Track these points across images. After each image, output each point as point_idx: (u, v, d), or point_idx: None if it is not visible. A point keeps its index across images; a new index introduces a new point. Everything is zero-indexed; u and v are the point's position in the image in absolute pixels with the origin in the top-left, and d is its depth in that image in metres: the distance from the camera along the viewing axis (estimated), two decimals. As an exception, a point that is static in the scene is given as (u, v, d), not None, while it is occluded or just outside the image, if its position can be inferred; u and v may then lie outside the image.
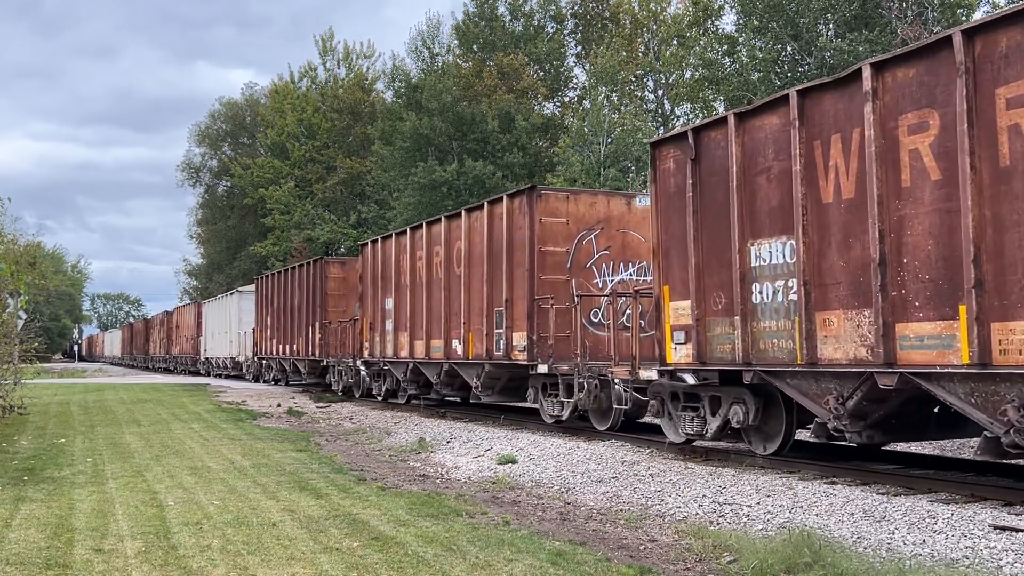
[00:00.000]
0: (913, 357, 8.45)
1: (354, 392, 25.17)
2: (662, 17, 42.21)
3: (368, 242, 23.79)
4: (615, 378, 13.31)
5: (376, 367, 23.01)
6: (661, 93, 42.18)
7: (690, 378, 11.38)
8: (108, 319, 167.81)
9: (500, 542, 7.39)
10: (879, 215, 8.74)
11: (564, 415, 14.81)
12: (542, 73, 45.55)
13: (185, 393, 30.12)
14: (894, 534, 7.48)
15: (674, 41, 39.40)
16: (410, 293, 20.26)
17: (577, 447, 13.13)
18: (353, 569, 6.59)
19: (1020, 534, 7.08)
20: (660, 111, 42.28)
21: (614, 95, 37.29)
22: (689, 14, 38.59)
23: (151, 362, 66.77)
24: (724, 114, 10.88)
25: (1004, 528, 7.28)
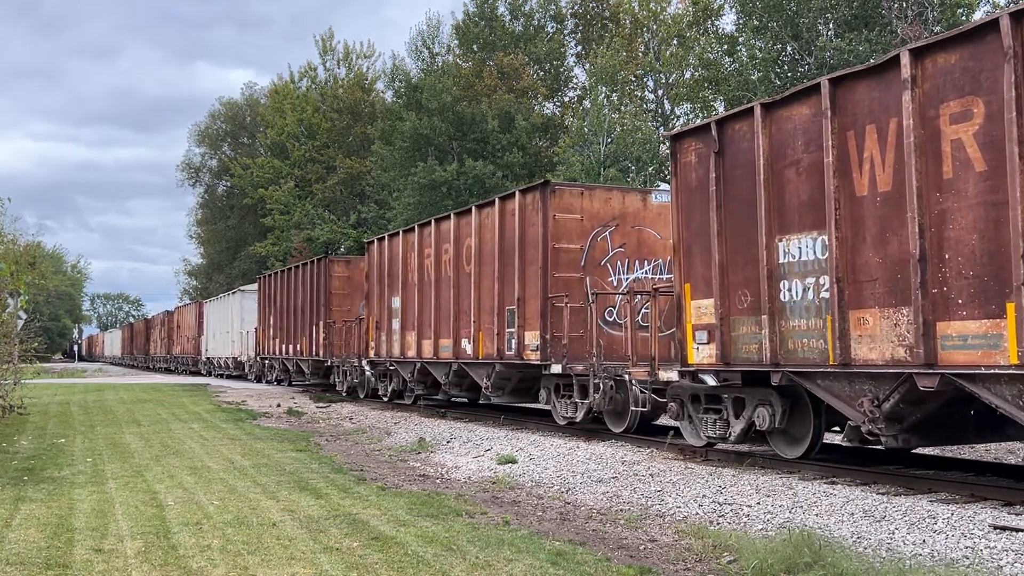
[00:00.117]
0: (955, 358, 8.12)
1: (359, 392, 24.87)
2: (662, 17, 42.19)
3: (374, 240, 23.35)
4: (632, 379, 12.97)
5: (382, 367, 22.71)
6: (661, 93, 42.17)
7: (712, 379, 11.05)
8: (108, 319, 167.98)
9: (500, 542, 7.39)
10: (919, 209, 8.37)
11: (578, 417, 14.47)
12: (542, 73, 45.53)
13: (185, 393, 30.13)
14: (894, 534, 7.48)
15: (674, 41, 39.38)
16: (418, 291, 19.92)
17: (577, 447, 13.13)
18: (353, 569, 6.59)
19: (1020, 534, 7.08)
20: (660, 111, 42.26)
21: (614, 95, 37.27)
22: (689, 14, 38.57)
23: (152, 362, 66.78)
24: (749, 105, 10.44)
25: (1004, 528, 7.28)
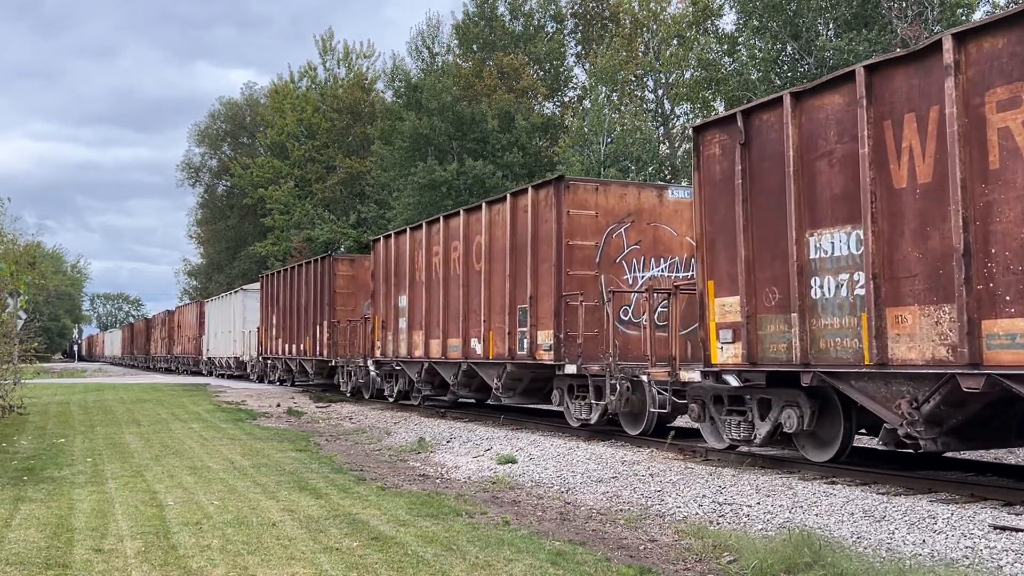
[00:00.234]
0: (1003, 357, 7.77)
1: (363, 393, 24.49)
2: (662, 17, 42.17)
3: (380, 237, 22.91)
4: (652, 380, 12.64)
5: (388, 367, 22.34)
6: (661, 93, 42.15)
7: (734, 380, 10.70)
8: (108, 319, 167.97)
9: (500, 542, 7.39)
10: (963, 201, 8.02)
11: (592, 419, 14.13)
12: (542, 73, 45.52)
13: (185, 393, 30.13)
14: (894, 534, 7.48)
15: (674, 41, 39.37)
16: (426, 290, 19.59)
17: (577, 447, 13.13)
18: (353, 569, 6.59)
19: (1020, 534, 7.08)
20: (660, 111, 42.26)
21: (614, 95, 37.27)
22: (688, 15, 38.56)
23: (152, 362, 66.79)
24: (778, 94, 10.13)
25: (1004, 528, 7.28)
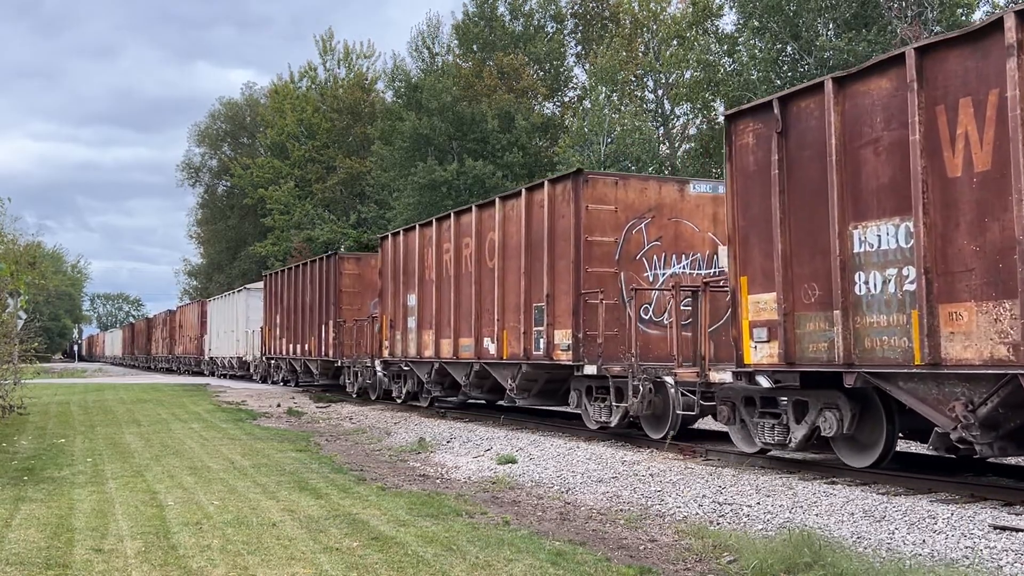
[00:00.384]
0: None
1: (370, 394, 24.08)
2: (662, 17, 42.18)
3: (388, 234, 22.48)
4: (679, 380, 12.24)
5: (396, 368, 21.91)
6: (661, 93, 42.16)
7: (766, 381, 10.33)
8: (108, 319, 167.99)
9: (500, 542, 7.39)
10: None
11: (613, 421, 13.65)
12: (542, 73, 45.52)
13: (185, 393, 30.14)
14: (894, 534, 7.48)
15: (674, 41, 39.38)
16: (436, 289, 19.12)
17: (577, 447, 13.13)
18: (353, 569, 6.59)
19: (1020, 534, 7.08)
20: (660, 111, 42.27)
21: (614, 95, 37.27)
22: (688, 15, 38.56)
23: (153, 362, 66.78)
24: (820, 79, 9.61)
25: (1004, 528, 7.28)
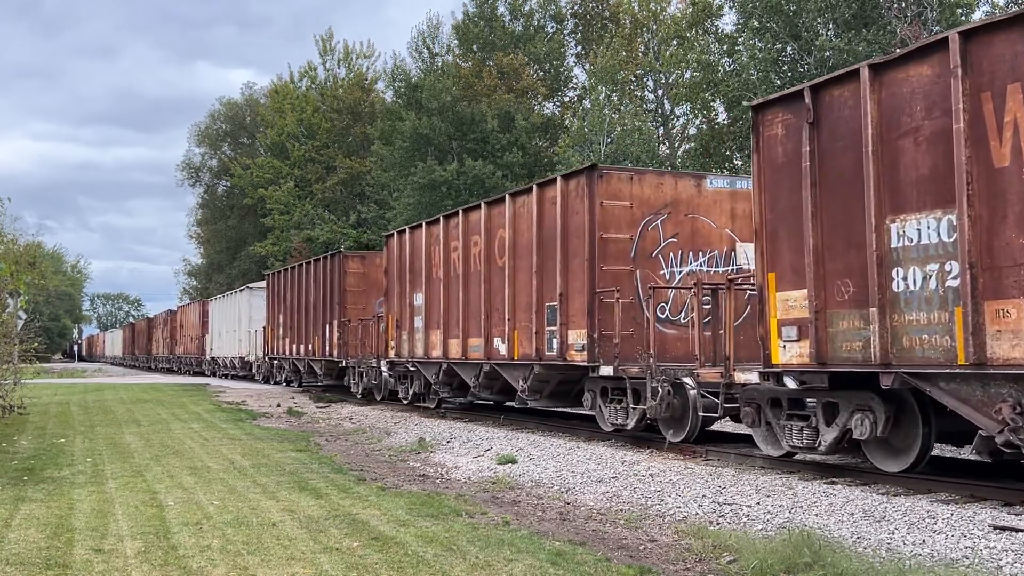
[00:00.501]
0: None
1: (375, 395, 23.73)
2: (662, 17, 42.18)
3: (394, 233, 22.09)
4: (701, 381, 11.87)
5: (402, 368, 21.55)
6: (661, 93, 42.16)
7: (792, 382, 10.07)
8: (108, 319, 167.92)
9: (500, 542, 7.39)
10: None
11: (629, 424, 13.28)
12: (542, 73, 45.52)
13: (185, 393, 30.14)
14: (894, 534, 7.48)
15: (674, 41, 39.39)
16: (443, 288, 18.75)
17: (577, 447, 13.14)
18: (353, 569, 6.59)
19: (1020, 534, 7.08)
20: (660, 111, 42.27)
21: (614, 95, 37.27)
22: (688, 15, 38.56)
23: (154, 362, 66.76)
24: (854, 67, 9.29)
25: (1004, 528, 7.28)
